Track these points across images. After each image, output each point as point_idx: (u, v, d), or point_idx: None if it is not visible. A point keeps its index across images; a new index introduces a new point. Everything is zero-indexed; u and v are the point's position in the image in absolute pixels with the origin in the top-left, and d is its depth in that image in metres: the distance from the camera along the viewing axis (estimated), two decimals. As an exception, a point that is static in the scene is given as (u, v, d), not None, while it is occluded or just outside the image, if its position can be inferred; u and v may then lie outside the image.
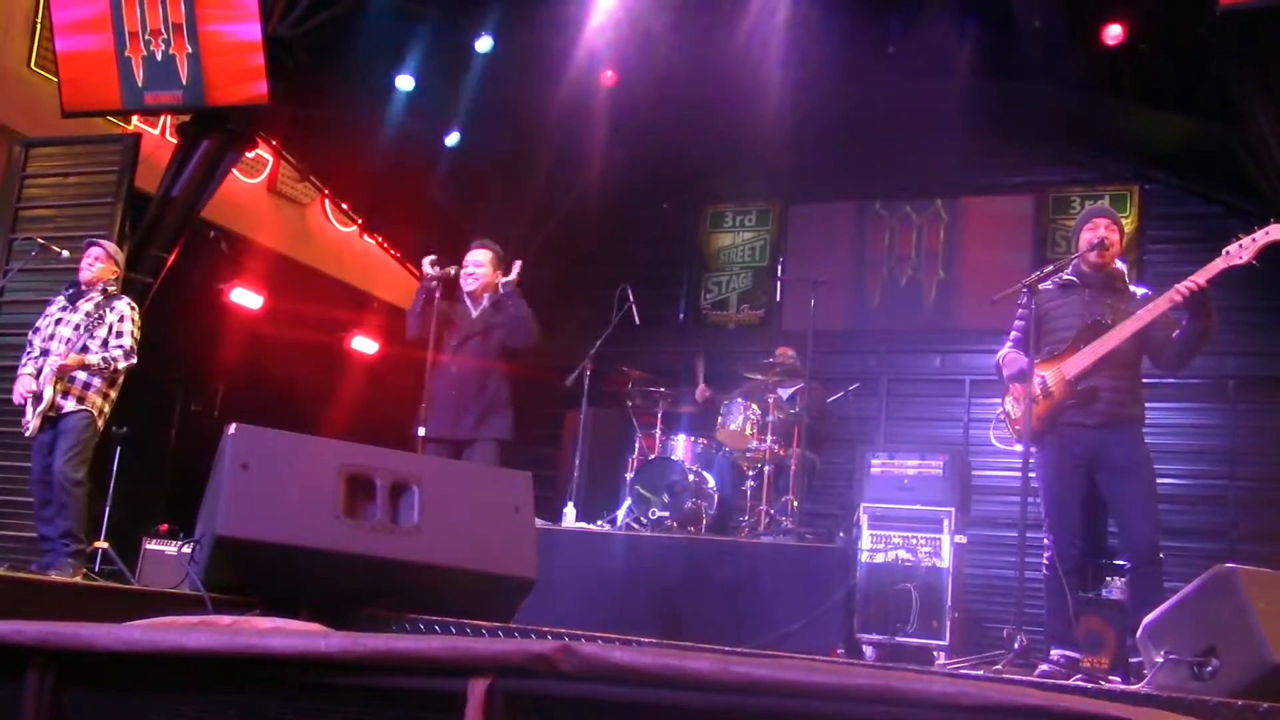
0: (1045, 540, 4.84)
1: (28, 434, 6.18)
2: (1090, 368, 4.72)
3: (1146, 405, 4.90)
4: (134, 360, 6.29)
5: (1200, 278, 4.51)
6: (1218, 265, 4.52)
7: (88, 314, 6.24)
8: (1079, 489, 4.80)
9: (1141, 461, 4.77)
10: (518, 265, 5.97)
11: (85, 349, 6.16)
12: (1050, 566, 4.77)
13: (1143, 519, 4.69)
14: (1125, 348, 4.72)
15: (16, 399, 6.25)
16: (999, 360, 5.14)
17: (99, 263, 6.42)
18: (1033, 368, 4.82)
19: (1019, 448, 4.82)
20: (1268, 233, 4.46)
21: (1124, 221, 9.71)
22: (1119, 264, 5.01)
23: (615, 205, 10.88)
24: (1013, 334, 5.08)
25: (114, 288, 6.50)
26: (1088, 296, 4.87)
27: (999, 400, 5.20)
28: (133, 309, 6.40)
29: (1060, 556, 4.74)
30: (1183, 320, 4.67)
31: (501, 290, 5.94)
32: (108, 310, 6.28)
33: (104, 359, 6.14)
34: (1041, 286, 4.96)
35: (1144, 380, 4.92)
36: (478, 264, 6.02)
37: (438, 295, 5.94)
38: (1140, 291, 4.85)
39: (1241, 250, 4.48)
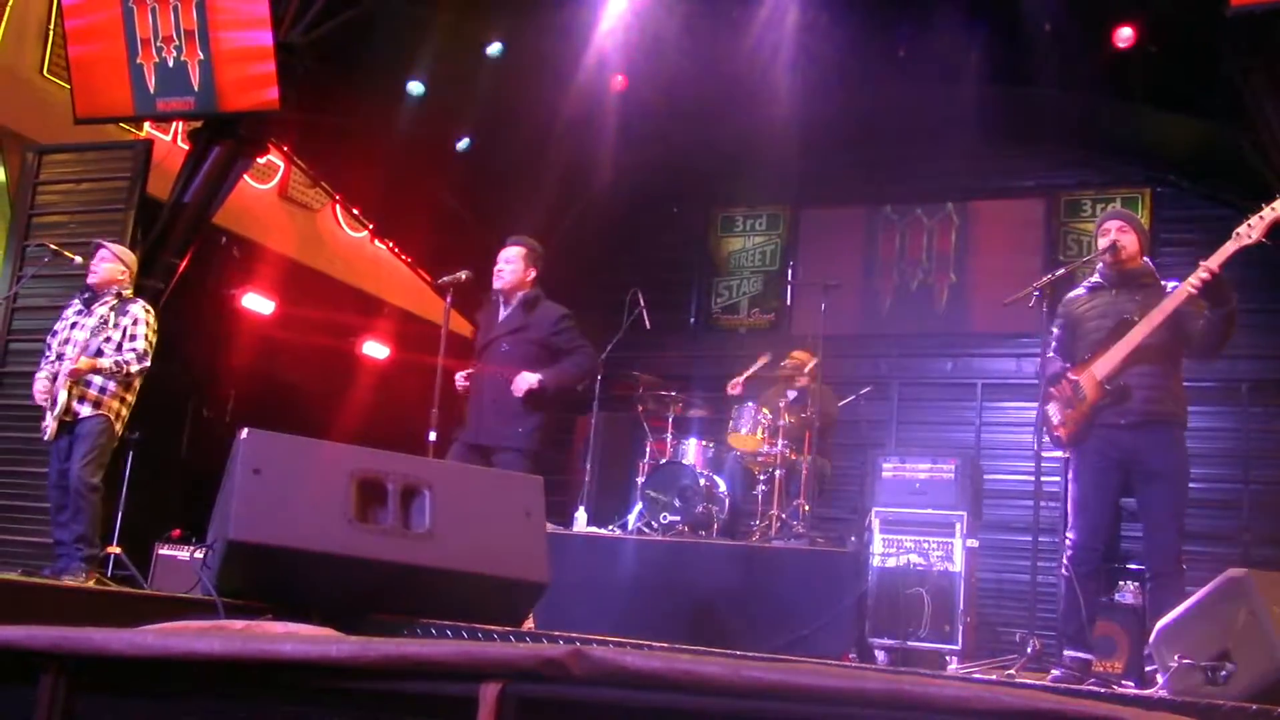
0: (1067, 540, 4.81)
1: (46, 438, 6.20)
2: (1119, 366, 4.69)
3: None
4: (147, 363, 6.28)
5: (1213, 263, 4.52)
6: (1230, 248, 4.54)
7: (102, 318, 6.25)
8: (1110, 492, 4.78)
9: (1177, 468, 4.71)
10: (529, 379, 5.65)
11: (99, 353, 6.17)
12: (1068, 568, 4.75)
13: (1169, 527, 4.64)
14: (1155, 342, 4.68)
15: (37, 398, 6.27)
16: (1039, 366, 5.16)
17: (104, 264, 6.41)
18: (1064, 373, 4.81)
19: (1059, 452, 4.81)
20: (1275, 209, 4.47)
21: (1136, 224, 9.67)
22: (1146, 261, 4.98)
23: (625, 209, 10.88)
24: (1054, 340, 5.05)
25: (128, 291, 6.49)
26: (1114, 296, 4.86)
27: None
28: (147, 312, 6.39)
29: (1080, 559, 4.72)
30: (1205, 309, 4.66)
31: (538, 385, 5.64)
32: (122, 315, 6.29)
33: (116, 362, 6.15)
34: (1073, 293, 4.97)
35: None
36: (507, 260, 5.83)
37: (448, 301, 5.92)
38: (1171, 285, 4.81)
39: (1250, 230, 4.49)
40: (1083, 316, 4.93)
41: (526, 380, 5.60)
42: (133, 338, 6.23)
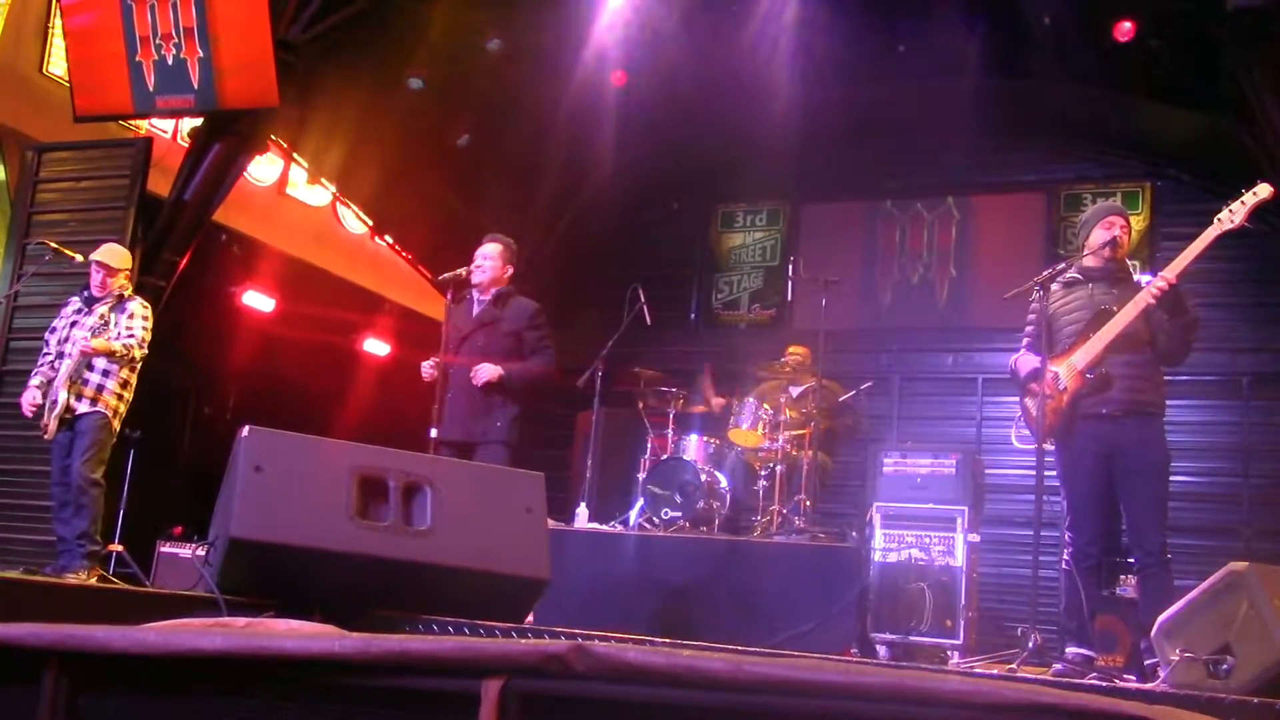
0: (1066, 538, 4.82)
1: (46, 437, 6.24)
2: (1100, 356, 4.72)
3: (1160, 402, 4.87)
4: (145, 350, 6.39)
5: (1186, 258, 4.60)
6: (1212, 233, 4.62)
7: (102, 317, 6.34)
8: (1100, 485, 4.78)
9: (1158, 463, 4.74)
10: (492, 370, 5.68)
11: None
12: (1069, 563, 4.76)
13: (1151, 521, 4.66)
14: (1134, 333, 4.71)
15: (24, 411, 6.33)
16: (1013, 363, 5.15)
17: (102, 270, 6.48)
18: (1045, 365, 4.82)
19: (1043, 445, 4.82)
20: (1256, 193, 4.54)
21: (1136, 218, 9.67)
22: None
23: (626, 206, 10.87)
24: (1026, 335, 5.08)
25: (127, 291, 6.58)
26: (1092, 290, 4.89)
27: (1012, 399, 5.21)
28: (144, 306, 6.52)
29: (1080, 554, 4.73)
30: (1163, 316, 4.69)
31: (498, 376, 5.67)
32: (120, 312, 6.39)
33: (125, 344, 6.23)
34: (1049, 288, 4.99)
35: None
36: (485, 255, 5.94)
37: (449, 297, 5.95)
38: (1145, 279, 4.86)
39: (1233, 215, 4.55)
40: (1059, 311, 4.96)
41: (488, 370, 5.68)
42: (129, 329, 6.33)
